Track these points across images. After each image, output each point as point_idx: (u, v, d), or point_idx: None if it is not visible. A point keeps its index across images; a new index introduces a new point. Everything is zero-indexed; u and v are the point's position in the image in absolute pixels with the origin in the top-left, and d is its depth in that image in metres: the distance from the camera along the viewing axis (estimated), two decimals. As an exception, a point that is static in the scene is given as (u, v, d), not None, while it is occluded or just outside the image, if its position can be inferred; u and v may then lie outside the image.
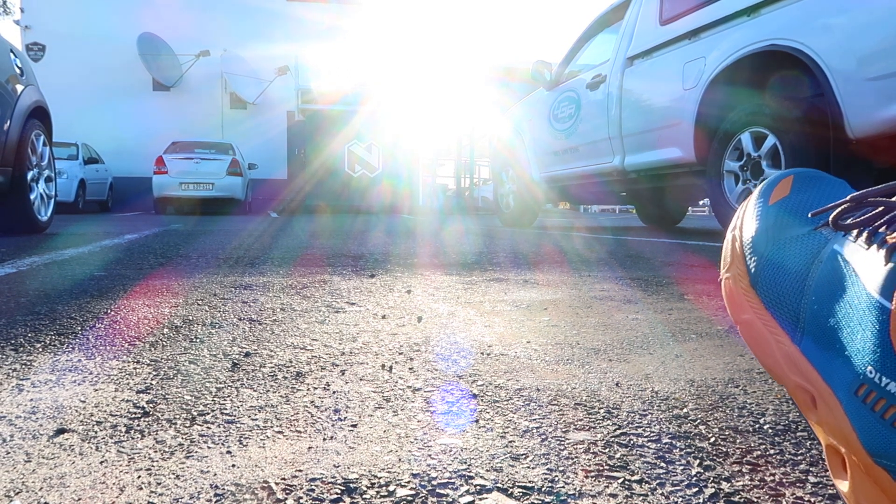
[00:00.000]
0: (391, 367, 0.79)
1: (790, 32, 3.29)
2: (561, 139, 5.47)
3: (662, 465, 0.48)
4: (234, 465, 0.49)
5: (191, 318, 1.13)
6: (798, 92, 3.28)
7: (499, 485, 0.45)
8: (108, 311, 1.19)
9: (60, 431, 0.57)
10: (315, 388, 0.70)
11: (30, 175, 3.63)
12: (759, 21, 3.52)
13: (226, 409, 0.64)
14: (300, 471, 0.48)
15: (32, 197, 3.66)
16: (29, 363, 0.82)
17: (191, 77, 15.08)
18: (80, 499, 0.44)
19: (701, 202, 6.05)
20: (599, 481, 0.46)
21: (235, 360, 0.83)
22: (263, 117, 15.00)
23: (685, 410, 0.61)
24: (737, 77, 3.64)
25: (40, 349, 0.89)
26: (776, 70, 3.41)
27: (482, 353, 0.86)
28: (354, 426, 0.58)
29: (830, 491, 0.44)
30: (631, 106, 4.64)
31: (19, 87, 3.55)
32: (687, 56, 4.08)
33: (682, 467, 0.48)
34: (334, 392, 0.69)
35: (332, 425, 0.58)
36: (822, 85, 3.12)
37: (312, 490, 0.45)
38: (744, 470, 0.47)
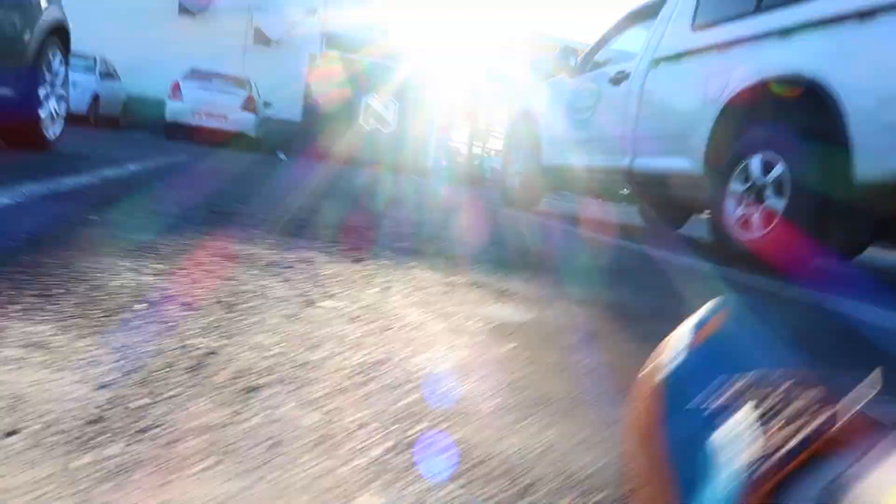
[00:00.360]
0: (345, 389, 0.83)
1: (816, 63, 3.26)
2: (575, 130, 5.45)
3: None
4: (167, 501, 0.53)
5: (169, 292, 1.16)
6: (814, 126, 3.26)
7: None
8: (92, 270, 1.22)
9: (11, 433, 0.60)
10: (265, 409, 0.74)
11: (42, 92, 3.63)
12: (788, 45, 3.48)
13: (175, 423, 0.67)
14: (226, 515, 0.52)
15: (42, 114, 3.67)
16: (2, 332, 0.85)
17: (218, 6, 14.87)
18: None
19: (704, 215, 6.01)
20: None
21: (198, 360, 0.86)
22: (285, 57, 14.86)
23: (600, 497, 0.64)
24: (758, 99, 3.62)
25: (17, 314, 0.92)
26: (797, 99, 3.39)
27: (434, 384, 0.89)
28: (289, 467, 0.61)
29: None
30: (650, 108, 4.62)
31: (43, 3, 3.53)
32: (713, 68, 4.04)
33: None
34: (280, 418, 0.72)
35: (267, 463, 0.62)
36: (838, 123, 3.11)
37: (231, 541, 0.48)
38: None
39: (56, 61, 3.81)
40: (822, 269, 3.22)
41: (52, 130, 3.84)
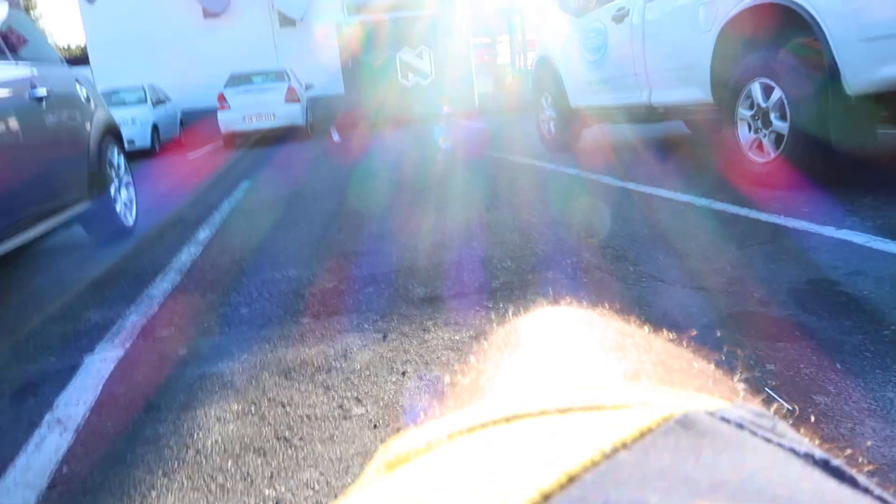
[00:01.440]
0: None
1: (793, -14, 3.30)
2: (593, 70, 5.56)
3: None
4: None
5: (231, 436, 1.62)
6: (799, 47, 3.35)
7: None
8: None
9: None
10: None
11: (112, 190, 4.20)
12: (765, -30, 3.52)
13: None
14: None
15: (118, 208, 4.25)
16: None
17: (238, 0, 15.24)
18: None
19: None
20: None
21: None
22: (313, 34, 15.09)
23: None
24: (746, 26, 3.70)
25: None
26: (780, 23, 3.45)
27: None
28: None
29: None
30: (653, 42, 4.69)
31: (90, 117, 4.05)
32: (702, -2, 4.08)
33: None
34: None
35: None
36: (821, 42, 3.20)
37: None
38: None
39: (114, 155, 4.36)
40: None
41: (129, 217, 4.43)
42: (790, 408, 1.51)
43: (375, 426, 1.60)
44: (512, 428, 0.20)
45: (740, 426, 0.19)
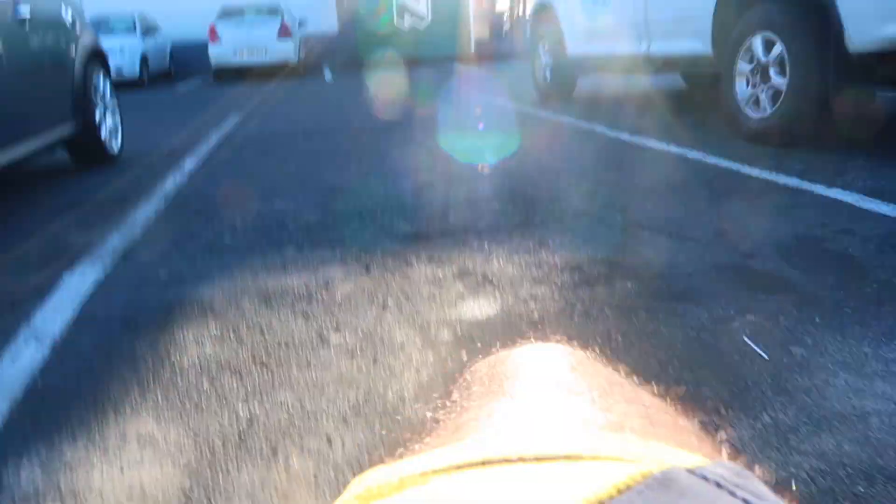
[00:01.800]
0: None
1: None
2: (593, 18, 5.44)
3: None
4: None
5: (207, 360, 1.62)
6: (803, 2, 3.29)
7: None
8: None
9: None
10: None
11: (97, 115, 4.10)
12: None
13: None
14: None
15: (103, 135, 4.16)
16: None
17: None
18: None
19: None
20: None
21: (241, 429, 1.32)
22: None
23: None
24: (754, -23, 3.61)
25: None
26: (787, -24, 3.38)
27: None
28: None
29: None
30: (657, -8, 4.58)
31: (75, 41, 3.92)
32: (708, -54, 3.98)
33: None
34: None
35: None
36: (826, -3, 3.14)
37: None
38: None
39: (100, 81, 4.24)
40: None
41: (114, 144, 4.34)
42: (765, 356, 1.52)
43: (353, 355, 1.60)
44: (486, 473, 0.20)
45: (719, 486, 0.19)
